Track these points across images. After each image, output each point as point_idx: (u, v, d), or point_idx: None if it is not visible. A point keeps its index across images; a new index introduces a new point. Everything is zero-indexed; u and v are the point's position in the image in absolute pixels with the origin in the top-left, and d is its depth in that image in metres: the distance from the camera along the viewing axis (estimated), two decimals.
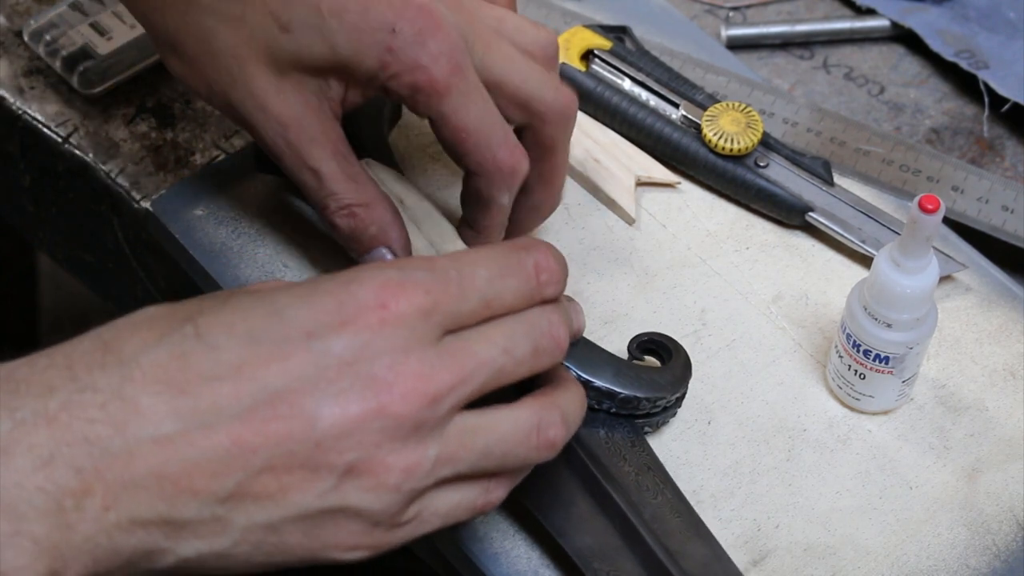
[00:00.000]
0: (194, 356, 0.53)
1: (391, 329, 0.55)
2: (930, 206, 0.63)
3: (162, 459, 0.52)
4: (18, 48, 0.86)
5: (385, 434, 0.54)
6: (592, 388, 0.67)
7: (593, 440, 0.67)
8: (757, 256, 0.78)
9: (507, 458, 0.58)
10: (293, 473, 0.53)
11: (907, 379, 0.70)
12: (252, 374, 0.53)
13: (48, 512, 0.51)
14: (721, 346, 0.74)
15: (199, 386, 0.53)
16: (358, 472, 0.54)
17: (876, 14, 0.90)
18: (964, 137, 0.85)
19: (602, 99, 0.81)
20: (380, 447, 0.54)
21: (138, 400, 0.52)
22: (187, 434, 0.52)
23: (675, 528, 0.65)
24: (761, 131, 0.78)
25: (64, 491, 0.51)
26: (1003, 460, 0.71)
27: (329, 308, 0.55)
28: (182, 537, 0.53)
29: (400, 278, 0.56)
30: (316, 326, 0.54)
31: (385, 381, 0.54)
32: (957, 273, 0.77)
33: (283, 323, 0.54)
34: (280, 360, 0.54)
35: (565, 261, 0.61)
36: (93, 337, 0.54)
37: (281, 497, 0.53)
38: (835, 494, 0.70)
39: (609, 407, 0.67)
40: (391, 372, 0.54)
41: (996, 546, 0.69)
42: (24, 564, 0.51)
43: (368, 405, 0.54)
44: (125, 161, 0.81)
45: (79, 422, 0.52)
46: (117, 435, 0.52)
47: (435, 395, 0.55)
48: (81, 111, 0.83)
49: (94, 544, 0.52)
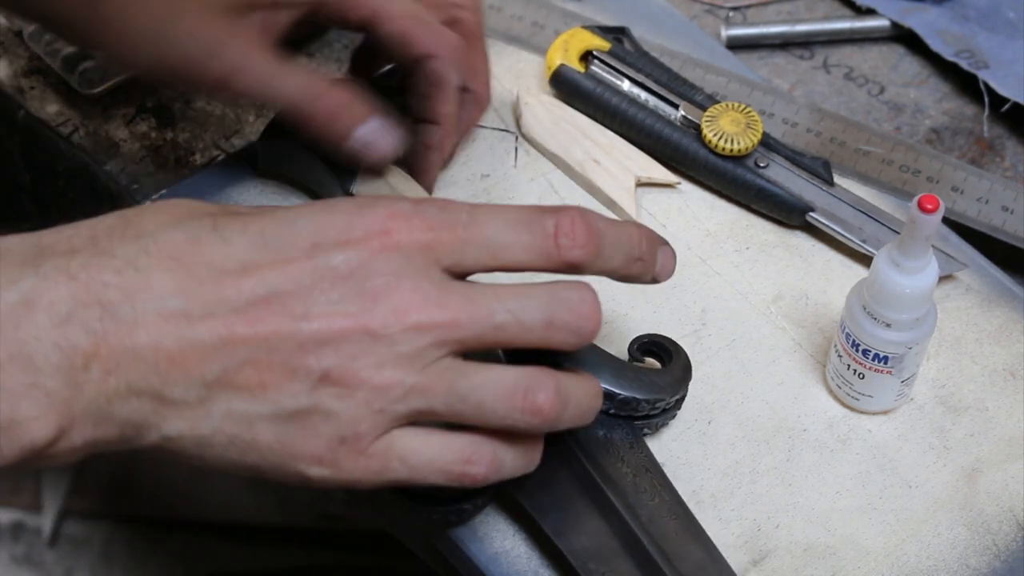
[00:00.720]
0: (207, 244, 0.56)
1: (389, 254, 0.57)
2: (929, 206, 0.63)
3: (162, 334, 0.54)
4: (18, 48, 0.86)
5: (363, 348, 0.56)
6: None
7: (591, 441, 0.67)
8: (757, 256, 0.78)
9: (485, 409, 0.58)
10: (273, 370, 0.55)
11: (906, 379, 0.70)
12: (255, 272, 0.56)
13: (61, 369, 0.53)
14: (721, 346, 0.74)
15: (206, 273, 0.56)
16: (333, 380, 0.56)
17: (876, 14, 0.90)
18: (964, 137, 0.85)
19: (601, 100, 0.81)
20: (356, 359, 0.56)
21: (150, 272, 0.55)
22: (187, 315, 0.55)
23: (671, 530, 0.65)
24: (761, 131, 0.78)
25: (76, 350, 0.53)
26: (1003, 460, 0.71)
27: (338, 226, 0.57)
28: (168, 415, 0.55)
29: (410, 211, 0.58)
30: (323, 239, 0.57)
31: (372, 298, 0.56)
32: (957, 273, 0.77)
33: (293, 232, 0.57)
34: (282, 264, 0.56)
35: (603, 230, 0.60)
36: (118, 215, 0.57)
37: (259, 391, 0.55)
38: (835, 494, 0.70)
39: (608, 408, 0.67)
40: (381, 292, 0.56)
41: (996, 546, 0.69)
42: (36, 415, 0.53)
43: (352, 318, 0.56)
44: (125, 161, 0.81)
45: (96, 284, 0.54)
46: (126, 302, 0.54)
47: (419, 324, 0.56)
48: (81, 111, 0.83)
49: (96, 407, 0.54)
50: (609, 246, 0.60)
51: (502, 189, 0.80)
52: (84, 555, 1.48)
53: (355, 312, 0.56)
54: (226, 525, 1.48)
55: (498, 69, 0.85)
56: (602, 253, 0.60)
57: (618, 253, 0.61)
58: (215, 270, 0.56)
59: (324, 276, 0.56)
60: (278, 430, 0.56)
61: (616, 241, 0.60)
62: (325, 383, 0.56)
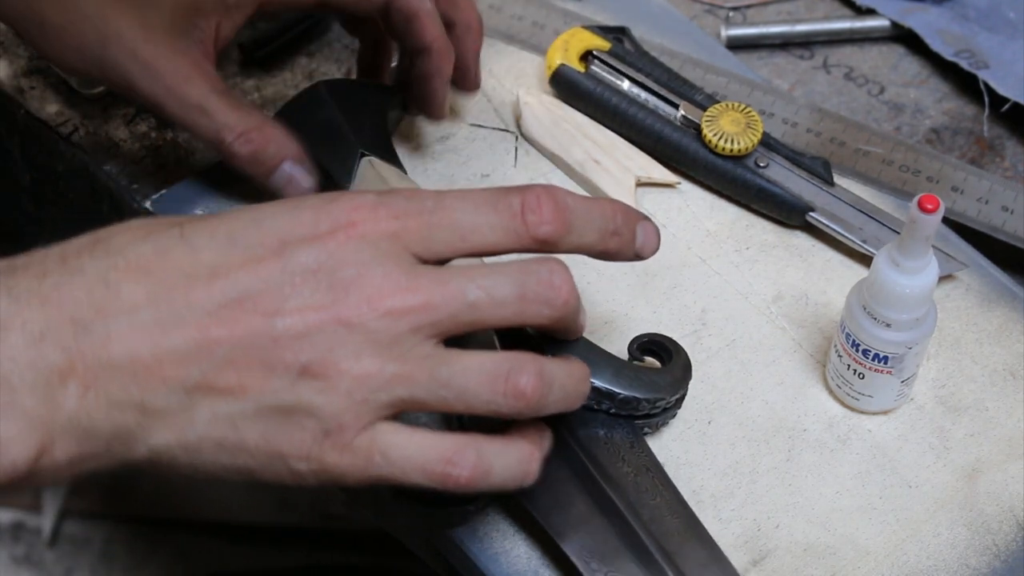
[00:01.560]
0: (175, 253, 0.56)
1: (356, 243, 0.57)
2: (929, 206, 0.63)
3: (136, 344, 0.55)
4: (18, 48, 0.86)
5: (339, 339, 0.56)
6: (591, 388, 0.67)
7: (592, 441, 0.67)
8: (757, 256, 0.78)
9: (468, 394, 0.57)
10: (252, 369, 0.55)
11: (906, 379, 0.70)
12: (226, 274, 0.56)
13: (37, 387, 0.53)
14: (721, 346, 0.74)
15: (176, 281, 0.56)
16: (312, 373, 0.56)
17: (876, 14, 0.90)
18: (964, 137, 0.85)
19: (601, 100, 0.81)
20: (333, 351, 0.56)
21: (119, 287, 0.55)
22: (161, 324, 0.55)
23: (673, 529, 0.65)
24: (761, 131, 0.78)
25: (52, 368, 0.54)
26: (1003, 460, 0.71)
27: (305, 222, 0.57)
28: (153, 425, 0.55)
29: (375, 201, 0.58)
30: (290, 236, 0.57)
31: (343, 289, 0.56)
32: (957, 273, 0.77)
33: (260, 231, 0.57)
34: (252, 264, 0.56)
35: (572, 205, 0.60)
36: (89, 236, 0.58)
37: (240, 392, 0.55)
38: (835, 494, 0.70)
39: (608, 407, 0.67)
40: (351, 282, 0.56)
41: (996, 546, 0.69)
42: (15, 435, 0.53)
43: (325, 310, 0.56)
44: (125, 161, 0.81)
45: (68, 302, 0.54)
46: (98, 318, 0.54)
47: (392, 309, 0.56)
48: (81, 111, 0.83)
49: (76, 424, 0.54)
50: (580, 221, 0.59)
51: None
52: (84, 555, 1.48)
53: (327, 304, 0.56)
54: (226, 525, 1.49)
55: (498, 69, 0.85)
56: (573, 228, 0.59)
57: (591, 228, 0.60)
58: (185, 276, 0.56)
59: (294, 272, 0.56)
60: (263, 428, 0.56)
61: (587, 215, 0.60)
62: (305, 377, 0.56)
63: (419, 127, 0.82)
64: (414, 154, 0.81)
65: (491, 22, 0.86)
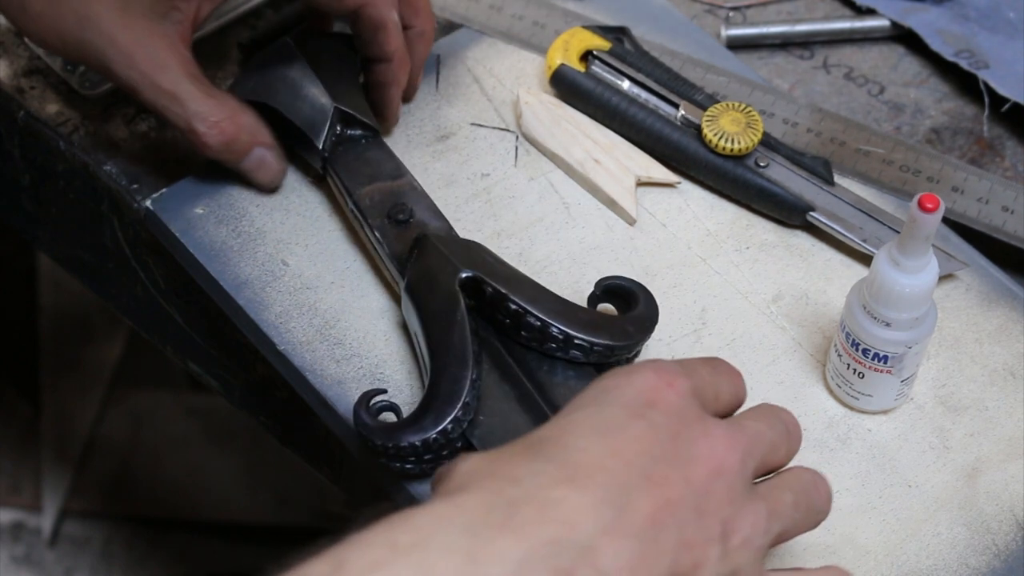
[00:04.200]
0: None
1: (682, 401, 0.57)
2: (929, 205, 0.63)
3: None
4: (18, 48, 0.86)
5: (729, 491, 0.56)
6: (560, 334, 0.68)
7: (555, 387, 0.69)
8: (757, 256, 0.78)
9: (811, 507, 0.60)
10: (695, 547, 0.54)
11: (906, 378, 0.70)
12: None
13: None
14: (721, 345, 0.74)
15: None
16: (730, 531, 0.56)
17: (876, 14, 0.90)
18: (964, 137, 0.85)
19: (602, 100, 0.81)
20: (732, 504, 0.56)
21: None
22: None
23: None
24: (761, 131, 0.78)
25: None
26: (1003, 460, 0.71)
27: (638, 391, 0.57)
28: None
29: (656, 366, 0.59)
30: (639, 406, 0.57)
31: (707, 444, 0.57)
32: (957, 273, 0.77)
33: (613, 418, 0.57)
34: (644, 446, 0.55)
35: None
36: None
37: (694, 573, 0.54)
38: (835, 494, 0.69)
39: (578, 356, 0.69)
40: (706, 437, 0.57)
41: (996, 546, 0.69)
42: None
43: (709, 465, 0.56)
44: (125, 161, 0.81)
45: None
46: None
47: (744, 455, 0.57)
48: (81, 111, 0.83)
49: None
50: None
51: (502, 188, 0.80)
52: (84, 555, 1.48)
53: (706, 459, 0.56)
54: (226, 525, 1.49)
55: (498, 69, 0.85)
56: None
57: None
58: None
59: (664, 439, 0.56)
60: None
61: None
62: (728, 537, 0.55)
63: (416, 128, 0.82)
64: (412, 155, 0.81)
65: (491, 22, 0.86)
